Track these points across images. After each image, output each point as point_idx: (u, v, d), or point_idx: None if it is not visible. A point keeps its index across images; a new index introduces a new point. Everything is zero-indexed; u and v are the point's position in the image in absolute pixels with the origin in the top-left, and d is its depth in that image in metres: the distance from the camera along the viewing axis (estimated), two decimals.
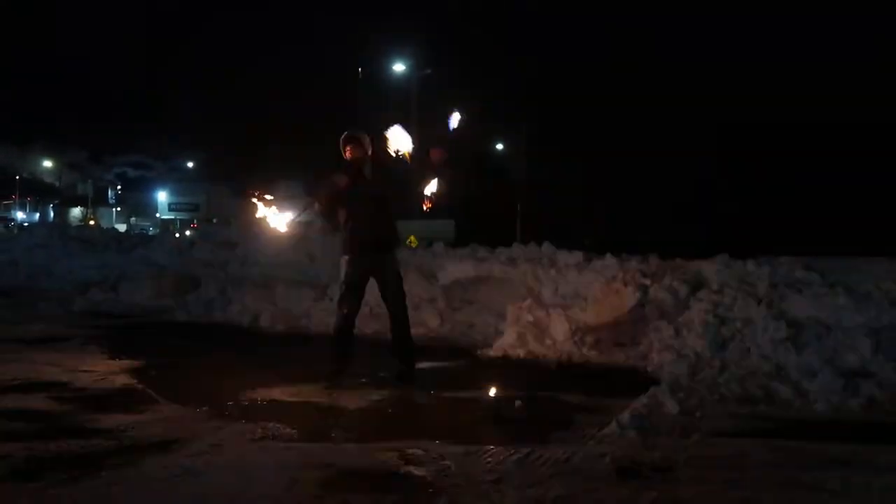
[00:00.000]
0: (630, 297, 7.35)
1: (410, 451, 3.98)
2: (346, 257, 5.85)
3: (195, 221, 49.18)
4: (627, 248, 9.34)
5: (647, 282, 7.49)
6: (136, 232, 42.28)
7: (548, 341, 7.11)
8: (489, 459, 3.86)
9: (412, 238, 23.32)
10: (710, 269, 7.72)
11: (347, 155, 5.87)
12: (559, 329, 7.17)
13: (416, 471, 3.68)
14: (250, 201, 6.44)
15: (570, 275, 8.07)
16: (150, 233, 42.73)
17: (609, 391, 5.52)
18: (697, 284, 7.46)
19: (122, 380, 5.75)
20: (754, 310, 6.55)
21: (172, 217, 59.45)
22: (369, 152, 5.89)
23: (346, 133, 5.89)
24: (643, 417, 4.59)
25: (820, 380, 5.50)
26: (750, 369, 5.86)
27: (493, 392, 4.70)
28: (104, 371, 6.05)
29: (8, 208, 65.26)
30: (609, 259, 8.19)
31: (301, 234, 11.81)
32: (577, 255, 8.65)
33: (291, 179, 32.23)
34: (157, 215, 61.43)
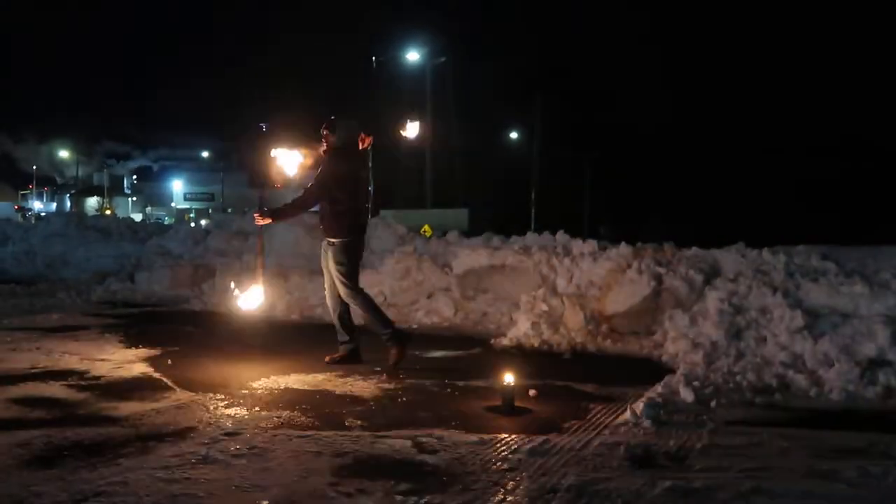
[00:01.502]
0: (645, 286, 7.33)
1: (425, 439, 3.99)
2: (347, 240, 5.91)
3: (210, 211, 49.43)
4: (642, 237, 9.29)
5: (662, 270, 7.46)
6: (152, 221, 42.54)
7: (562, 330, 7.10)
8: (503, 448, 3.87)
9: (426, 227, 23.33)
10: (726, 257, 7.68)
11: (365, 143, 5.95)
12: (573, 318, 7.16)
13: (431, 459, 3.69)
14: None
15: (585, 263, 8.04)
16: (166, 222, 42.96)
17: (623, 380, 5.51)
18: (712, 273, 7.43)
19: (139, 368, 5.79)
20: (770, 299, 6.51)
21: (188, 207, 59.76)
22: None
23: (354, 121, 5.99)
24: (658, 406, 4.58)
25: (836, 369, 5.46)
26: (766, 358, 5.84)
27: (506, 381, 4.69)
28: (121, 360, 6.10)
29: (25, 198, 65.78)
30: (623, 248, 8.15)
31: (315, 224, 11.86)
32: (592, 244, 8.62)
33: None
34: (173, 205, 61.77)
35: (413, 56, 41.10)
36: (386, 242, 11.39)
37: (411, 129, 6.78)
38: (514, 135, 49.00)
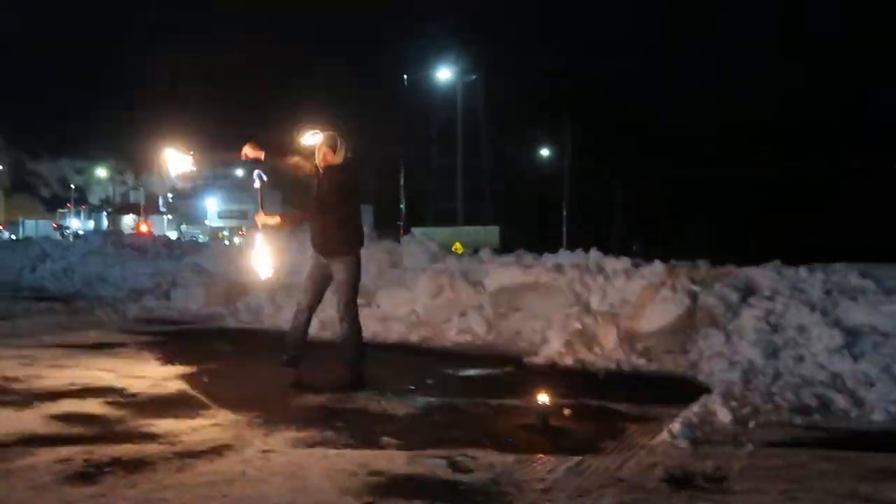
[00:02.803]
0: (679, 304, 7.26)
1: (460, 458, 3.98)
2: (357, 255, 5.95)
3: (243, 229, 49.85)
4: (675, 255, 9.22)
5: (697, 288, 7.39)
6: (187, 239, 43.06)
7: (596, 349, 7.05)
8: (539, 468, 3.85)
9: (457, 244, 23.38)
10: (762, 275, 7.58)
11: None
12: (607, 336, 7.11)
13: (466, 478, 3.68)
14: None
15: (618, 281, 8.00)
16: (200, 240, 43.44)
17: (659, 400, 5.45)
18: (748, 291, 7.34)
19: (175, 385, 5.85)
20: (808, 317, 6.42)
21: (221, 225, 60.43)
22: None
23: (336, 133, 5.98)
24: (695, 427, 4.52)
25: (877, 389, 5.36)
26: (804, 378, 5.74)
27: (541, 400, 4.67)
28: (158, 377, 6.17)
29: (63, 217, 66.97)
30: (657, 265, 8.09)
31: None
32: (625, 261, 8.57)
33: None
34: (207, 223, 62.47)
35: (444, 74, 41.30)
36: (418, 260, 11.41)
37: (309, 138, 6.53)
38: (544, 151, 48.98)
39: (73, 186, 68.46)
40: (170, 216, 65.78)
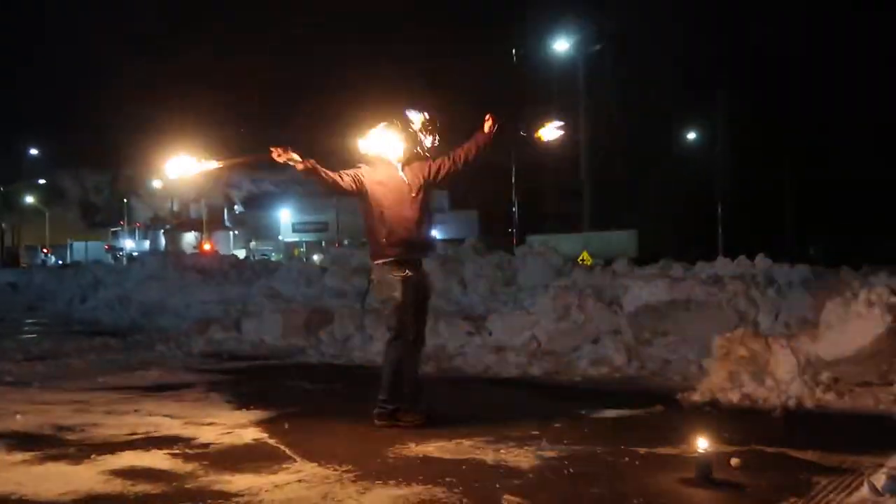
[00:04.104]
0: (878, 323, 7.02)
1: None
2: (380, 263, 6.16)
3: (323, 244, 51.04)
4: (865, 260, 8.91)
5: None
6: (258, 258, 44.38)
7: (769, 381, 6.89)
8: None
9: (585, 255, 23.23)
10: None
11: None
12: (783, 365, 6.93)
13: None
14: None
15: (795, 295, 7.79)
16: (273, 258, 44.66)
17: (855, 445, 5.28)
18: None
19: (251, 434, 6.00)
20: None
21: (297, 239, 61.85)
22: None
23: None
24: None
25: None
26: None
27: (701, 447, 4.56)
28: (230, 423, 6.35)
29: (116, 236, 69.96)
30: (846, 273, 7.83)
31: (450, 255, 12.04)
32: (802, 270, 8.34)
33: None
34: (280, 238, 64.12)
35: (562, 45, 41.21)
36: (538, 275, 11.43)
37: (550, 131, 6.61)
38: (691, 136, 48.10)
39: (125, 200, 71.50)
40: (236, 231, 67.84)
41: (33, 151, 73.14)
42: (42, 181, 75.99)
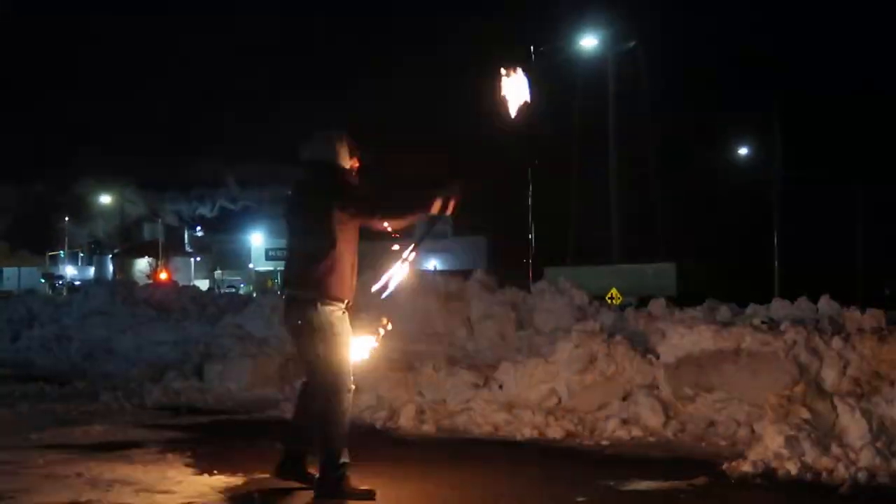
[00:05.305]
0: None
1: None
2: (341, 307, 6.23)
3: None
4: None
5: None
6: (224, 290, 44.41)
7: (835, 449, 6.87)
8: None
9: (614, 292, 23.28)
10: None
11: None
12: (853, 430, 6.93)
13: None
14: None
15: (866, 346, 7.80)
16: (242, 291, 44.71)
17: None
18: None
19: None
20: None
21: (272, 268, 61.91)
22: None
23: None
24: None
25: None
26: None
27: None
28: (191, 492, 6.34)
29: (55, 262, 69.96)
30: None
31: (453, 291, 12.05)
32: (876, 315, 8.35)
33: None
34: (251, 266, 64.25)
35: (589, 42, 41.48)
36: (557, 317, 11.44)
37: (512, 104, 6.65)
38: (742, 151, 48.22)
39: (66, 219, 71.50)
40: (198, 258, 67.88)
41: None
42: None
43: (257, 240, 65.57)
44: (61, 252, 70.83)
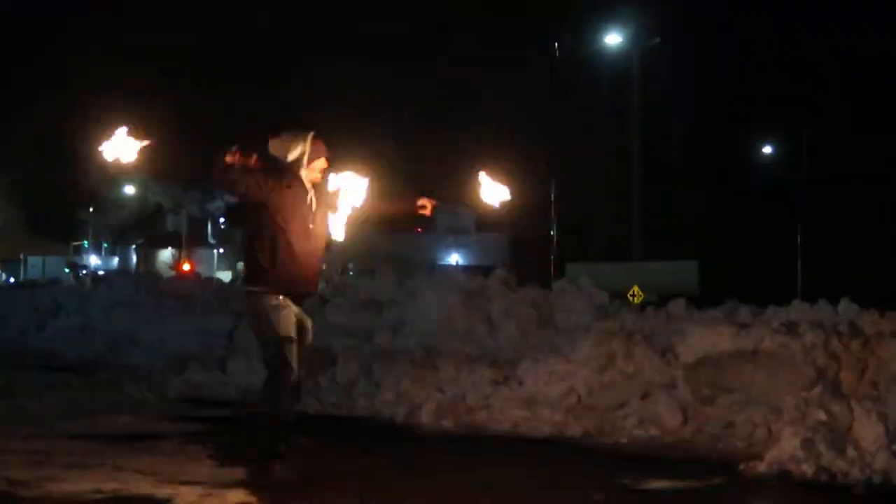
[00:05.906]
0: None
1: None
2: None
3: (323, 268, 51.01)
4: None
5: None
6: None
7: (850, 451, 6.88)
8: None
9: (636, 289, 23.18)
10: None
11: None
12: (869, 433, 6.93)
13: None
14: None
15: (885, 349, 7.80)
16: None
17: None
18: None
19: (237, 497, 6.09)
20: None
21: None
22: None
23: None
24: None
25: None
26: None
27: None
28: (213, 483, 6.43)
29: (79, 252, 69.87)
30: None
31: (474, 289, 12.09)
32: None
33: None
34: None
35: (613, 38, 41.27)
36: (576, 315, 11.43)
37: (489, 192, 7.22)
38: (767, 149, 47.93)
39: (91, 209, 71.53)
40: (221, 249, 67.68)
41: None
42: None
43: None
44: (85, 242, 70.77)
